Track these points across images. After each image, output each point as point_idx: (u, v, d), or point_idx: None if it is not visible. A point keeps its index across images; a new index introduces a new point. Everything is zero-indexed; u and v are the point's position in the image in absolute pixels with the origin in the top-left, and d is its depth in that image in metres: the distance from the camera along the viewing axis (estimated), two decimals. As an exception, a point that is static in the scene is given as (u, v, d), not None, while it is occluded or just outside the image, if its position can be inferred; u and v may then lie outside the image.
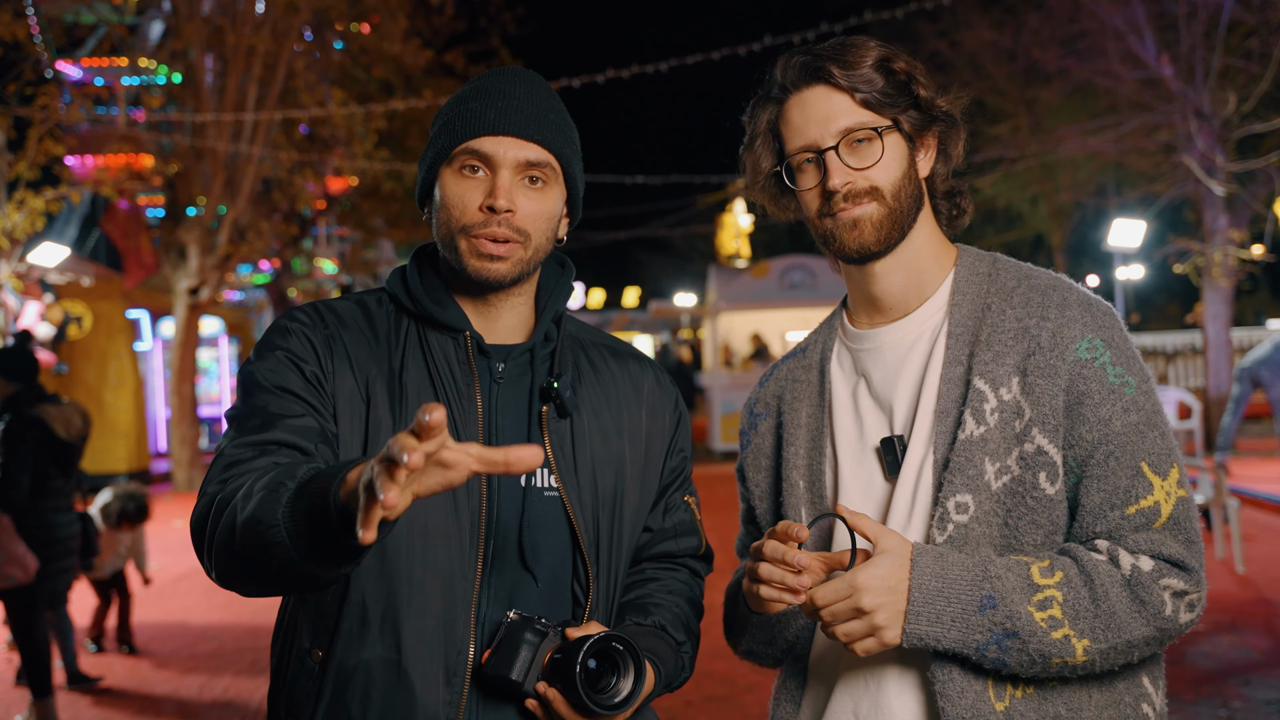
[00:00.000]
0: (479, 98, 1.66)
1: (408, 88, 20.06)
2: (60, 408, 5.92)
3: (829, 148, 1.64)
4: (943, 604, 1.53)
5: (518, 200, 1.62)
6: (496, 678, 1.57)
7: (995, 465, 1.59)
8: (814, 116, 1.65)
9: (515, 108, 1.64)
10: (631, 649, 1.56)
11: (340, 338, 1.66)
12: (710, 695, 5.93)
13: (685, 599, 1.82)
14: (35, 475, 5.68)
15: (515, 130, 1.63)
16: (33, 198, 14.00)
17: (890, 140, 1.65)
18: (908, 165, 1.68)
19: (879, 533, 1.56)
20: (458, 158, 1.64)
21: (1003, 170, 20.40)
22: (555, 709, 1.55)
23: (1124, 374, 1.60)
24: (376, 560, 1.58)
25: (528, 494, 1.65)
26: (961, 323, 1.68)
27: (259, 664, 6.99)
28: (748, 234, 38.37)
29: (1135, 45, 15.77)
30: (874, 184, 1.64)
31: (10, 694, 6.44)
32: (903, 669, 1.65)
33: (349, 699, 1.57)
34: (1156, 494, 1.57)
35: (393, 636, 1.57)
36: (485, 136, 1.62)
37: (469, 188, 1.63)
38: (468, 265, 1.64)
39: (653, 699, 1.69)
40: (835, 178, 1.64)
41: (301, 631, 1.62)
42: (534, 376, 1.71)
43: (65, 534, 5.92)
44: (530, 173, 1.64)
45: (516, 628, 1.58)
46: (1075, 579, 1.54)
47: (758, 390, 1.96)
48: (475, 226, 1.62)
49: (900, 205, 1.66)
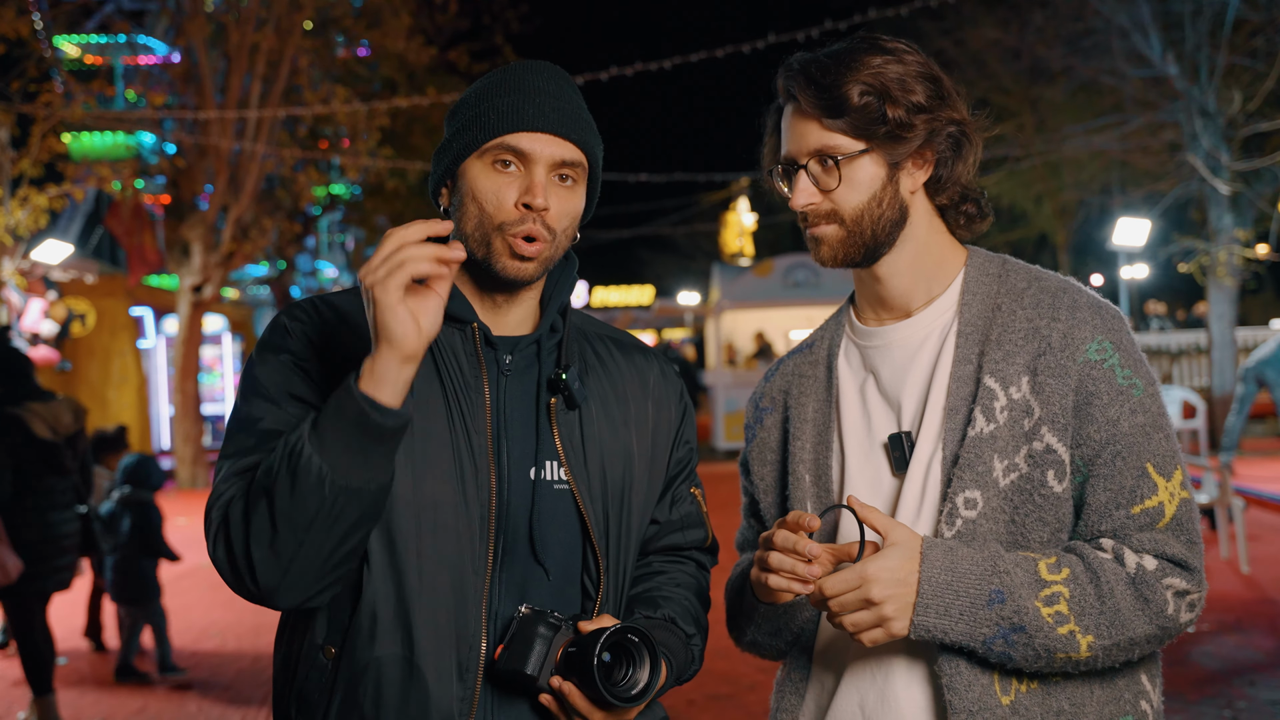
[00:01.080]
0: (513, 92, 1.63)
1: (411, 85, 20.06)
2: (49, 405, 5.85)
3: (800, 166, 1.69)
4: (951, 597, 1.54)
5: (551, 198, 1.61)
6: (510, 672, 1.57)
7: (1004, 462, 1.61)
8: (793, 132, 1.70)
9: (552, 105, 1.63)
10: (647, 640, 1.56)
11: (339, 334, 1.65)
12: (713, 694, 5.92)
13: (693, 592, 1.82)
14: (17, 475, 5.65)
15: (553, 128, 1.61)
16: (36, 195, 14.02)
17: (860, 164, 1.66)
18: (879, 188, 1.67)
19: (889, 526, 1.57)
20: (490, 152, 1.61)
21: (1007, 169, 20.39)
22: (572, 702, 1.54)
23: (1132, 376, 1.62)
24: (386, 556, 1.57)
25: (537, 486, 1.64)
26: (972, 322, 1.69)
27: (261, 661, 7.00)
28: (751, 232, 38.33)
29: (1140, 43, 15.76)
30: (834, 207, 1.68)
31: (11, 692, 6.45)
32: (910, 661, 1.66)
33: (361, 696, 1.56)
34: (1161, 495, 1.59)
35: (404, 633, 1.56)
36: (523, 133, 1.60)
37: (504, 183, 1.60)
38: (498, 263, 1.62)
39: (663, 693, 1.69)
40: (798, 198, 1.69)
41: (315, 627, 1.61)
42: (541, 368, 1.70)
43: (61, 532, 5.88)
44: (562, 171, 1.63)
45: (529, 622, 1.57)
46: (1082, 576, 1.56)
47: (763, 385, 1.97)
48: (512, 224, 1.60)
49: (861, 229, 1.68)
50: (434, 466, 1.58)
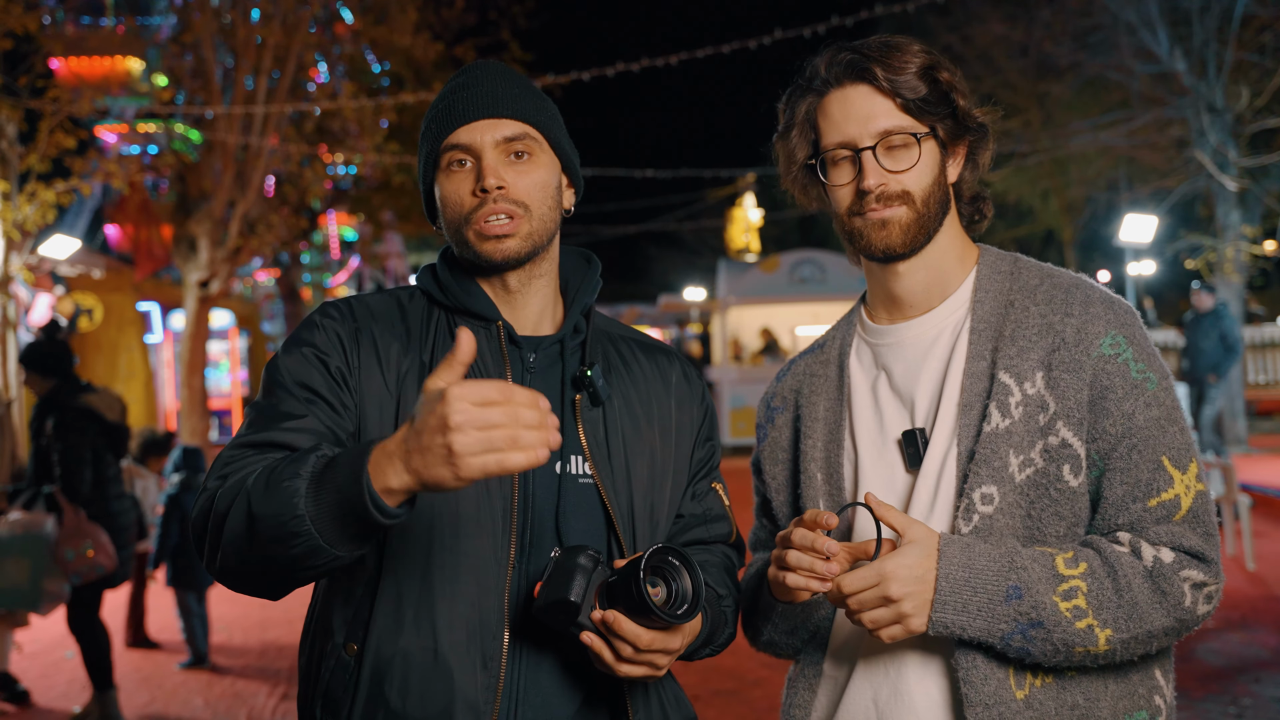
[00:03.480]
0: (446, 96, 1.71)
1: (418, 80, 20.06)
2: (100, 395, 5.92)
3: (867, 147, 1.67)
4: (969, 593, 1.55)
5: (506, 176, 1.66)
6: (552, 605, 1.53)
7: (1019, 458, 1.62)
8: (855, 115, 1.68)
9: (481, 92, 1.69)
10: (685, 560, 1.53)
11: (370, 331, 1.69)
12: (718, 690, 5.93)
13: (723, 567, 1.83)
14: (94, 465, 5.71)
15: (485, 112, 1.67)
16: (44, 190, 14.05)
17: (926, 147, 1.68)
18: (938, 172, 1.71)
19: (906, 523, 1.58)
20: (444, 156, 1.68)
21: (1014, 165, 20.33)
22: (619, 629, 1.50)
23: (1146, 370, 1.63)
24: (407, 549, 1.59)
25: (563, 480, 1.67)
26: (985, 319, 1.70)
27: (268, 655, 7.02)
28: (757, 228, 38.27)
29: (1147, 39, 15.70)
30: (906, 188, 1.67)
31: (72, 687, 6.47)
32: (924, 657, 1.67)
33: (387, 689, 1.58)
34: (1177, 487, 1.60)
35: (428, 624, 1.58)
36: (460, 128, 1.67)
37: (460, 180, 1.67)
38: (478, 250, 1.67)
39: (696, 654, 1.69)
40: (870, 178, 1.66)
41: (334, 628, 1.63)
42: (565, 367, 1.73)
43: (125, 521, 5.94)
44: (513, 147, 1.67)
45: (568, 555, 1.55)
46: (1099, 570, 1.57)
47: (775, 385, 1.98)
48: (473, 211, 1.66)
49: (928, 210, 1.69)
50: None
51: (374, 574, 1.61)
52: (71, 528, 5.56)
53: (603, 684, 1.66)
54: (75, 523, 5.58)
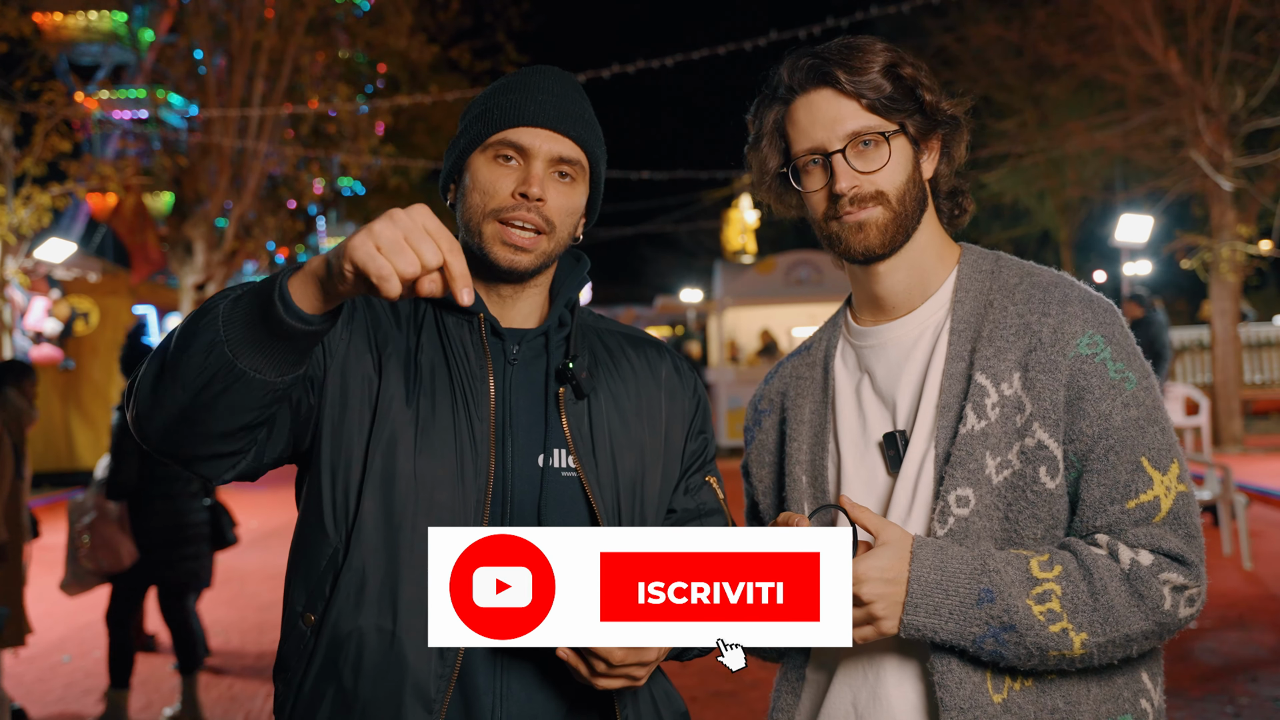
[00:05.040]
0: (516, 90, 1.70)
1: (413, 83, 20.06)
2: None
3: (836, 150, 1.66)
4: (941, 596, 1.54)
5: (548, 192, 1.66)
6: None
7: (996, 459, 1.60)
8: (821, 119, 1.67)
9: (552, 103, 1.69)
10: None
11: (364, 314, 1.70)
12: (716, 691, 5.93)
13: None
14: (144, 463, 5.71)
15: (551, 124, 1.68)
16: (39, 194, 14.03)
17: (896, 144, 1.67)
18: (912, 169, 1.70)
19: (880, 525, 1.58)
20: (492, 146, 1.68)
21: (1009, 166, 20.35)
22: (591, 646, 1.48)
23: (1124, 369, 1.61)
24: (383, 528, 1.60)
25: (545, 474, 1.66)
26: (964, 319, 1.69)
27: (265, 659, 7.01)
28: (754, 230, 38.27)
29: (1143, 40, 15.72)
30: (880, 188, 1.67)
31: (166, 681, 6.46)
32: (901, 660, 1.66)
33: (341, 664, 1.59)
34: (1156, 489, 1.58)
35: (389, 606, 1.58)
36: (522, 128, 1.67)
37: (502, 174, 1.67)
38: (492, 252, 1.67)
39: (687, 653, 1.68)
40: (842, 181, 1.66)
41: (295, 597, 1.65)
42: (549, 359, 1.73)
43: (188, 521, 5.91)
44: (561, 167, 1.68)
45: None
46: (1074, 573, 1.55)
47: (763, 388, 1.98)
48: (505, 210, 1.65)
49: (905, 209, 1.68)
50: (436, 448, 1.61)
51: (340, 549, 1.61)
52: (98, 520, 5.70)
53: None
54: (102, 515, 5.70)
